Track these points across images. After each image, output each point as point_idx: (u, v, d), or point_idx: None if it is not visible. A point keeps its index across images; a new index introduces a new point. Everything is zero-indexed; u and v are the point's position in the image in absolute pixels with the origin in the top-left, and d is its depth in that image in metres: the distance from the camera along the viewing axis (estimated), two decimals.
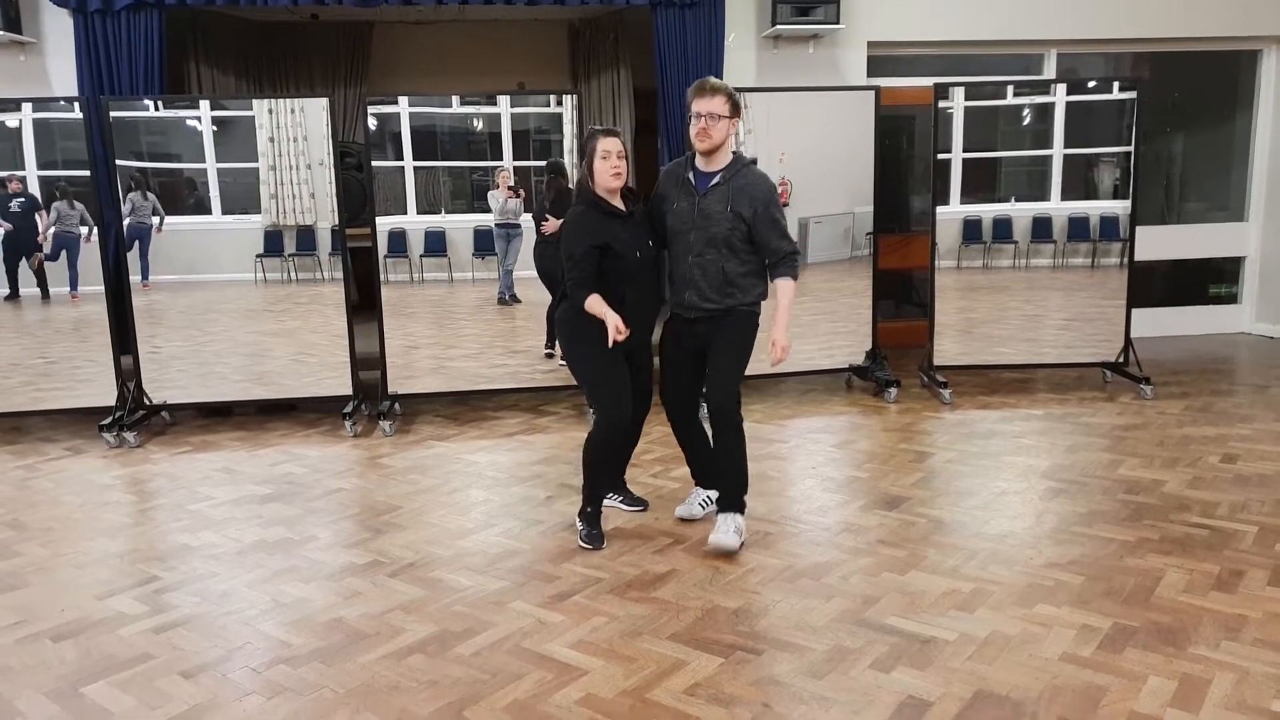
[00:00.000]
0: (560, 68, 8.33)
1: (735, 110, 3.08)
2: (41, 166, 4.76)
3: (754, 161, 3.28)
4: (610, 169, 3.05)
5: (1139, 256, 5.38)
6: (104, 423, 4.64)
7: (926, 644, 2.51)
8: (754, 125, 5.15)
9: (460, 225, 5.10)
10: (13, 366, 4.82)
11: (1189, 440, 4.31)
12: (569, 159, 4.99)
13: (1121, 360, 5.29)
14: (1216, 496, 3.58)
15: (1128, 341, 5.29)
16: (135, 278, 4.84)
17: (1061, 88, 5.47)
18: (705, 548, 3.14)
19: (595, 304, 3.05)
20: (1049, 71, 6.46)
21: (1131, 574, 2.91)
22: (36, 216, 4.77)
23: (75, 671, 2.48)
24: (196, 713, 2.28)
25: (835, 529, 3.34)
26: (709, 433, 3.27)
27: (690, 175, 3.15)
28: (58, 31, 5.42)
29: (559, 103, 5.32)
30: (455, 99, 5.32)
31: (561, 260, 3.14)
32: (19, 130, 4.74)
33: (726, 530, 3.11)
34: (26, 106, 4.75)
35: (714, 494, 3.39)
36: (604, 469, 3.27)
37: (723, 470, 3.20)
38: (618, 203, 3.13)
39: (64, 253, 4.81)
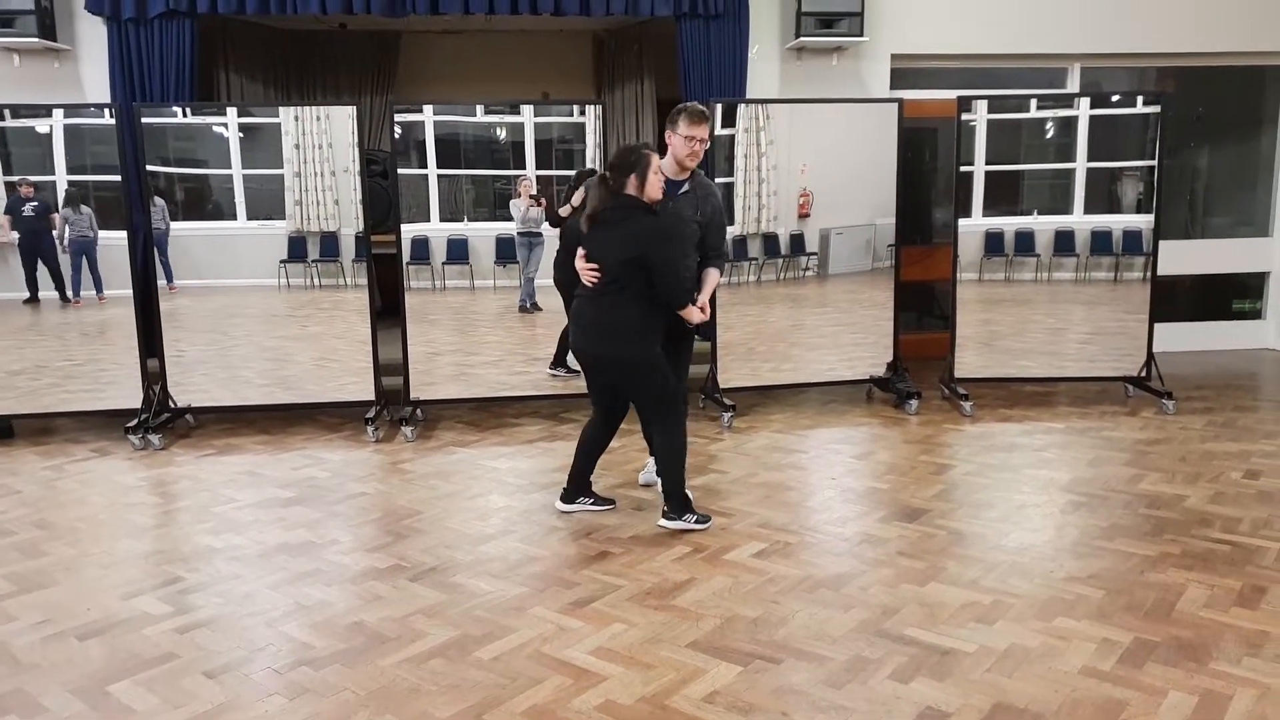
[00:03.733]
0: (585, 78, 8.39)
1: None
2: (71, 170, 4.83)
3: (703, 169, 3.71)
4: (660, 183, 3.39)
5: (1162, 271, 5.35)
6: (129, 425, 4.71)
7: (946, 655, 2.51)
8: (775, 136, 5.17)
9: (482, 233, 5.14)
10: (40, 368, 4.90)
11: (1211, 455, 4.28)
12: (589, 166, 5.01)
13: (1143, 375, 5.25)
14: (1239, 512, 3.55)
15: (1150, 356, 5.24)
16: (160, 281, 4.90)
17: (1085, 101, 5.45)
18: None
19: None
20: (1073, 85, 6.44)
21: (1153, 589, 2.90)
22: (52, 219, 4.82)
23: (101, 670, 2.52)
24: (220, 712, 2.31)
25: (855, 540, 3.34)
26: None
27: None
28: (92, 39, 5.53)
29: (582, 112, 5.36)
30: (480, 108, 5.37)
31: (662, 265, 3.30)
32: (49, 135, 4.81)
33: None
34: (58, 112, 4.83)
35: None
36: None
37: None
38: None
39: (84, 258, 4.86)
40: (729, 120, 5.10)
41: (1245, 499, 3.70)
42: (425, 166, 5.20)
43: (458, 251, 5.16)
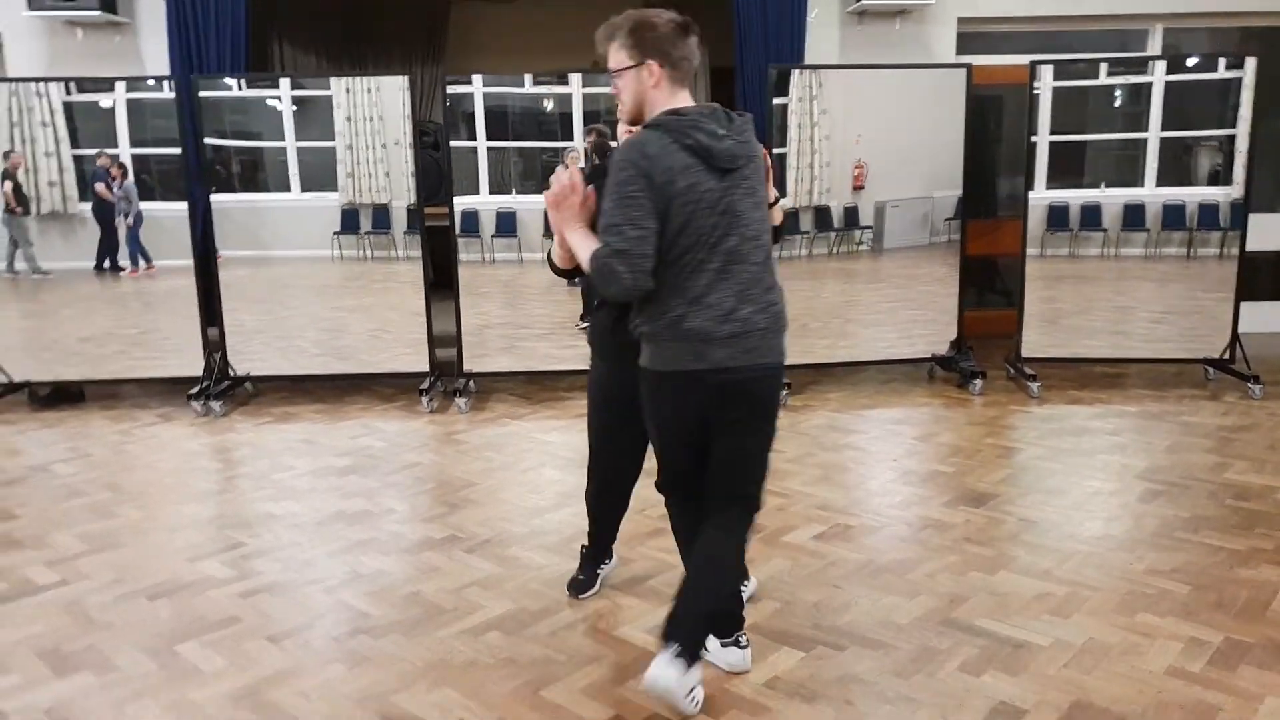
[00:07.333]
0: None
1: (642, 52, 2.15)
2: (133, 144, 4.90)
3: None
4: None
5: (1249, 246, 5.05)
6: (192, 392, 4.80)
7: (1019, 648, 2.41)
8: (829, 105, 5.00)
9: (530, 206, 5.08)
10: (108, 335, 5.01)
11: None
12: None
13: (1226, 356, 5.00)
14: None
15: (1235, 336, 4.97)
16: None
17: (1160, 66, 5.16)
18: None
19: None
20: (1153, 48, 6.11)
21: (1244, 586, 2.74)
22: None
23: (170, 630, 2.57)
24: (282, 677, 2.33)
25: (918, 524, 3.24)
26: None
27: None
28: (150, 12, 5.57)
29: None
30: (528, 78, 5.29)
31: None
32: (112, 110, 4.88)
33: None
34: (120, 86, 4.89)
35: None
36: None
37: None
38: None
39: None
40: (782, 89, 4.94)
41: None
42: (474, 138, 5.15)
43: (506, 224, 5.12)
